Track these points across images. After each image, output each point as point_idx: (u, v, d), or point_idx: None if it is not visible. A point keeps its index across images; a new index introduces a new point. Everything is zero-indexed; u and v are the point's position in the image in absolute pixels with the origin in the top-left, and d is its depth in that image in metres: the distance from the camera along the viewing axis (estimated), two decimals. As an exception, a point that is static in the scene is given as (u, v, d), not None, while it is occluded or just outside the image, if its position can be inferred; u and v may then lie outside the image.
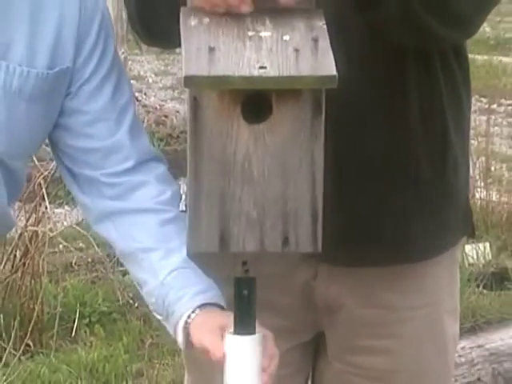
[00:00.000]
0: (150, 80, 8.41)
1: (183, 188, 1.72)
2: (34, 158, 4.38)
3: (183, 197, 1.69)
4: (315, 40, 1.62)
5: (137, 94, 7.30)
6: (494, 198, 5.12)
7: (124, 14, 6.24)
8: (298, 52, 1.59)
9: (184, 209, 1.71)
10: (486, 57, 8.02)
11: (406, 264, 2.05)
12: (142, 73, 8.49)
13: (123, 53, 7.11)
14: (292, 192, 1.62)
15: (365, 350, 2.09)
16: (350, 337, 2.10)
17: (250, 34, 1.63)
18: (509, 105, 7.28)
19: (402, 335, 2.10)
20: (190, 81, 1.56)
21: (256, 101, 1.59)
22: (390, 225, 2.03)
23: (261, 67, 1.56)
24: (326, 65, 1.57)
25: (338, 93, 1.58)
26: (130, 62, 7.30)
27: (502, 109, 6.98)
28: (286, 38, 1.62)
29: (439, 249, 2.10)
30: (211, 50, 1.58)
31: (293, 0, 1.66)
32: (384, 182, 2.00)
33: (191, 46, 1.60)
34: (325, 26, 1.65)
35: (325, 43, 1.61)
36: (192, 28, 1.65)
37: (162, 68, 9.45)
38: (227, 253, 1.63)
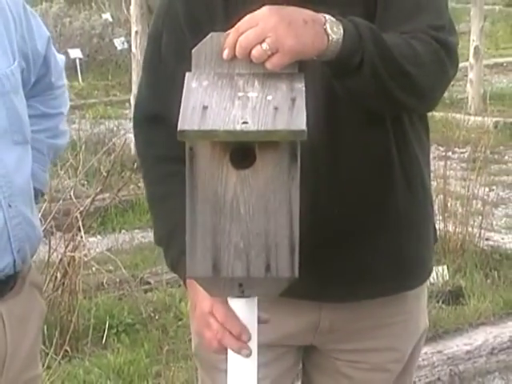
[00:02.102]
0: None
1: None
2: (72, 196, 4.41)
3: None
4: (293, 100, 1.60)
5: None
6: (450, 229, 5.12)
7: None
8: (277, 110, 1.57)
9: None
10: (442, 113, 8.07)
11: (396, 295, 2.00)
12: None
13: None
14: (273, 226, 1.59)
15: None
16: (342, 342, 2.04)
17: (240, 94, 1.61)
18: (461, 152, 7.31)
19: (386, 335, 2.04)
20: (182, 134, 1.54)
21: (242, 150, 1.57)
22: (380, 261, 1.96)
23: (243, 122, 1.54)
24: (299, 121, 1.55)
25: (313, 140, 1.57)
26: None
27: (456, 156, 7.02)
28: (270, 97, 1.60)
29: (421, 280, 2.05)
30: (204, 108, 1.57)
31: (278, 67, 1.63)
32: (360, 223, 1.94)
33: (188, 104, 1.59)
34: (303, 88, 1.62)
35: (301, 102, 1.59)
36: (192, 89, 1.63)
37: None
38: (219, 277, 1.60)
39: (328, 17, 1.68)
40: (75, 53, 9.57)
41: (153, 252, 5.28)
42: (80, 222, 4.08)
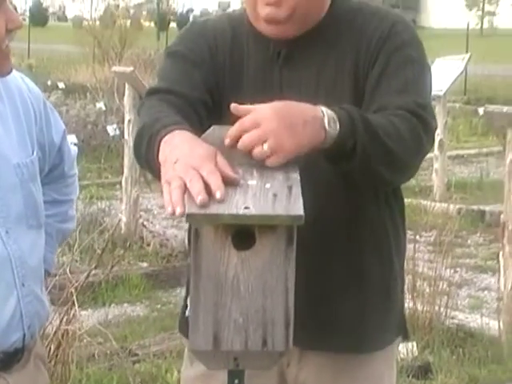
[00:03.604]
0: (155, 212, 8.40)
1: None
2: (68, 271, 4.38)
3: (188, 306, 1.67)
4: (290, 187, 1.62)
5: (145, 223, 7.31)
6: (419, 308, 5.12)
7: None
8: (276, 196, 1.59)
9: (188, 314, 1.68)
10: (410, 200, 8.14)
11: (357, 354, 2.02)
12: (149, 206, 8.49)
13: (136, 191, 7.13)
14: (270, 304, 1.59)
15: None
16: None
17: (241, 182, 1.63)
18: (428, 236, 7.35)
19: None
20: (190, 217, 1.55)
21: (243, 233, 1.58)
22: (346, 322, 2.00)
23: (245, 207, 1.56)
24: (296, 207, 1.57)
25: (307, 224, 1.58)
26: (140, 198, 7.32)
27: (423, 239, 7.06)
28: (268, 185, 1.63)
29: (383, 343, 2.07)
30: (210, 197, 1.57)
31: (276, 165, 1.66)
32: (343, 291, 1.99)
33: None
34: (298, 178, 1.66)
35: (297, 190, 1.62)
36: None
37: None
38: (219, 351, 1.60)
39: (325, 110, 1.72)
40: (71, 138, 9.59)
41: (141, 325, 5.25)
42: (75, 297, 4.06)
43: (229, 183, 1.60)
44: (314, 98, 1.89)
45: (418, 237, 7.38)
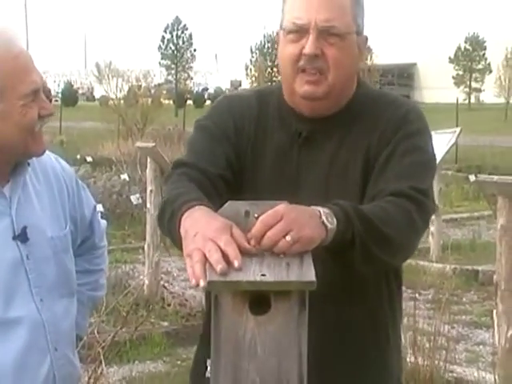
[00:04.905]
0: (175, 274, 8.37)
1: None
2: (96, 332, 4.35)
3: (209, 367, 1.64)
4: (301, 257, 1.62)
5: (166, 285, 7.27)
6: (419, 362, 5.05)
7: (158, 230, 6.30)
8: (289, 265, 1.59)
9: (209, 375, 1.66)
10: (409, 260, 8.09)
11: None
12: (169, 269, 8.46)
13: (158, 255, 7.12)
14: (284, 365, 1.57)
15: None
16: None
17: (256, 252, 1.62)
18: (426, 294, 7.31)
19: None
20: (211, 284, 1.55)
21: (259, 299, 1.57)
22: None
23: (262, 275, 1.55)
24: (308, 274, 1.57)
25: (317, 295, 1.57)
26: (161, 262, 7.30)
27: (422, 297, 7.02)
28: (281, 255, 1.62)
29: None
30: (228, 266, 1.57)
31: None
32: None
33: None
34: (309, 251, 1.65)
35: (309, 260, 1.62)
36: None
37: (183, 265, 9.52)
38: None
39: (322, 209, 1.70)
40: (98, 207, 9.68)
41: (162, 381, 5.19)
42: (101, 356, 4.02)
43: (245, 253, 1.59)
44: (326, 180, 1.89)
45: (417, 295, 7.37)
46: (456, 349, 5.99)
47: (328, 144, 1.96)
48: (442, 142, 9.44)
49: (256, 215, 1.67)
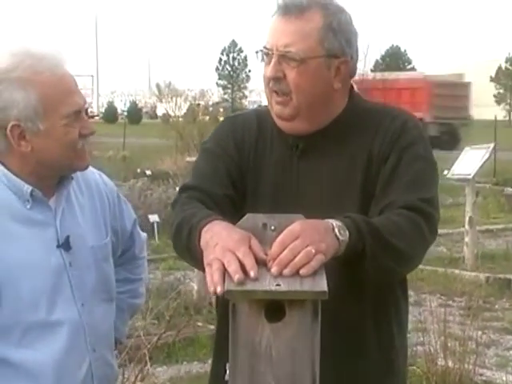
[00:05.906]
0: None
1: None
2: (141, 334, 4.37)
3: (227, 371, 1.64)
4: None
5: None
6: (450, 365, 4.98)
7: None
8: (303, 277, 1.58)
9: (227, 378, 1.66)
10: (443, 269, 7.99)
11: None
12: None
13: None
14: (298, 369, 1.57)
15: None
16: None
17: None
18: (460, 301, 7.19)
19: None
20: (228, 293, 1.55)
21: (274, 307, 1.57)
22: None
23: (277, 284, 1.55)
24: (321, 284, 1.56)
25: (328, 307, 1.57)
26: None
27: (455, 304, 6.92)
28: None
29: None
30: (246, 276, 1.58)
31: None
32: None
33: None
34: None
35: (321, 270, 1.61)
36: None
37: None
38: None
39: (334, 222, 1.69)
40: (153, 217, 9.77)
41: (206, 381, 5.17)
42: (147, 357, 4.04)
43: (261, 263, 1.59)
44: (326, 190, 1.88)
45: (450, 301, 7.26)
46: (486, 353, 5.89)
47: (326, 154, 1.95)
48: (477, 156, 9.31)
49: (273, 227, 1.68)
